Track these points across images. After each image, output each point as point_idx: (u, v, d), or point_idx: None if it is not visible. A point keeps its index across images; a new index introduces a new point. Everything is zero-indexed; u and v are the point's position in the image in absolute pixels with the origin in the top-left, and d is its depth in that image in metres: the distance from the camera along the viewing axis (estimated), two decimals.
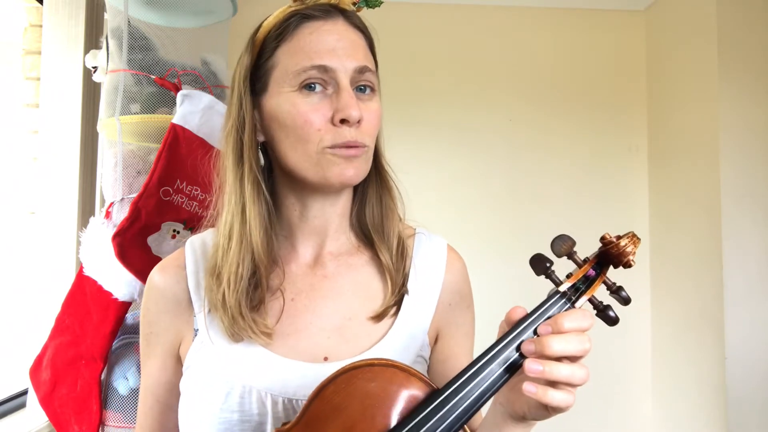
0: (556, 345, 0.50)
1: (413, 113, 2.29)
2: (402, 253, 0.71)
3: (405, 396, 0.53)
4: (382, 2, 0.74)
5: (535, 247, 0.61)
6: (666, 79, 2.20)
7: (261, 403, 0.63)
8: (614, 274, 0.58)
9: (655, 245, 2.26)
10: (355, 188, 0.74)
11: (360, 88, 0.66)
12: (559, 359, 0.50)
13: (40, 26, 1.58)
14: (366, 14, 0.73)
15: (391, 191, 0.74)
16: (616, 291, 0.56)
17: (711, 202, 1.83)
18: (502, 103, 2.33)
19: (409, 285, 0.70)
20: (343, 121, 0.62)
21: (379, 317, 0.68)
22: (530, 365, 0.50)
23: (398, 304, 0.69)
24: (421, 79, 2.31)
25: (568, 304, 0.55)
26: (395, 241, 0.71)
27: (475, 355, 0.55)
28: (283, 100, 0.64)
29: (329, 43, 0.64)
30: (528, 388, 0.50)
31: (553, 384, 0.51)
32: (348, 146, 0.63)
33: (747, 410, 1.73)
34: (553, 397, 0.50)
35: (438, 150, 2.32)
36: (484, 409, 0.58)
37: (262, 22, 0.69)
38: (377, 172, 0.73)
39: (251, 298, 0.65)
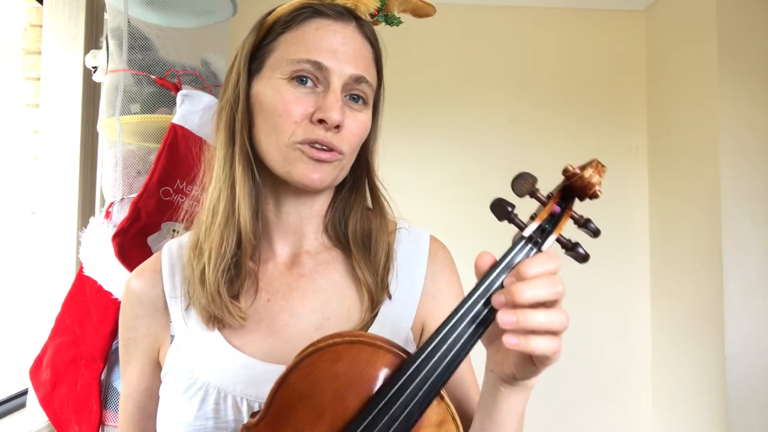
0: (527, 292, 0.46)
1: (413, 113, 2.29)
2: (387, 266, 0.69)
3: (375, 371, 0.51)
4: (401, 22, 0.73)
5: None
6: (666, 79, 2.20)
7: (237, 408, 0.61)
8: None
9: (655, 245, 2.26)
10: (336, 193, 0.73)
11: (353, 97, 0.65)
12: (534, 307, 0.46)
13: (40, 26, 1.58)
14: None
15: (383, 209, 0.73)
16: (584, 224, 0.52)
17: (711, 202, 1.83)
18: (502, 103, 2.33)
19: (390, 286, 0.68)
20: (321, 122, 0.62)
21: None
22: (502, 317, 0.46)
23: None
24: (421, 79, 2.31)
25: (535, 249, 0.50)
26: (383, 258, 0.69)
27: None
28: (272, 85, 0.64)
29: (332, 44, 0.63)
30: (508, 339, 0.46)
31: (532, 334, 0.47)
32: (317, 147, 0.62)
33: (747, 410, 1.72)
34: (537, 343, 0.46)
35: (438, 150, 2.31)
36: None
37: (276, 7, 0.68)
38: (369, 188, 0.72)
39: (231, 282, 0.64)
